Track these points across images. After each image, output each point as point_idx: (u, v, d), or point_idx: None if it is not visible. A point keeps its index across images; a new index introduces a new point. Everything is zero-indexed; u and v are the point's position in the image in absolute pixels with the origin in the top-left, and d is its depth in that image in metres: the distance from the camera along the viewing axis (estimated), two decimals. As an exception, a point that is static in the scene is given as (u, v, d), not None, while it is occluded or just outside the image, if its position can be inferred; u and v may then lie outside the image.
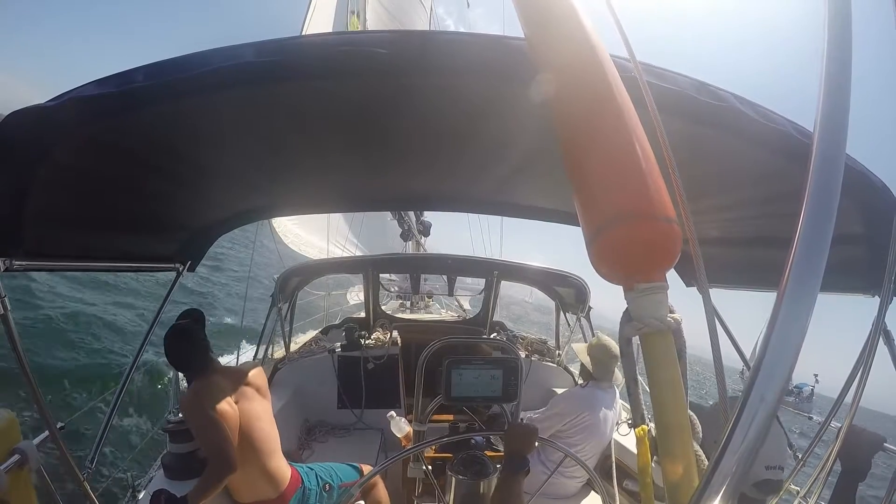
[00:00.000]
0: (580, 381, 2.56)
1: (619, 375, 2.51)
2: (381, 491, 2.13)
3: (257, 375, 1.99)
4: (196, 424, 1.70)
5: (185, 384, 1.87)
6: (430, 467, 1.52)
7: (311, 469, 2.07)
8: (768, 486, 1.11)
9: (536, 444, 1.30)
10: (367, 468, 2.21)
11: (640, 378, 0.65)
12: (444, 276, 4.43)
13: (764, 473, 1.11)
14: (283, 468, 1.92)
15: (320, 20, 7.51)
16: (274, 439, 1.93)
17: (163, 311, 1.96)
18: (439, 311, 7.23)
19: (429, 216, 9.01)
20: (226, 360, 3.71)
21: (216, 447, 1.63)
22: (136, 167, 1.19)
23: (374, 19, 8.61)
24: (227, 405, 1.75)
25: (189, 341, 1.81)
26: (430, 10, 10.98)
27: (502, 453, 1.29)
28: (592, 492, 2.45)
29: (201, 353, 1.83)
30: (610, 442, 2.36)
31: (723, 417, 0.48)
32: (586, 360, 2.49)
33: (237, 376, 1.91)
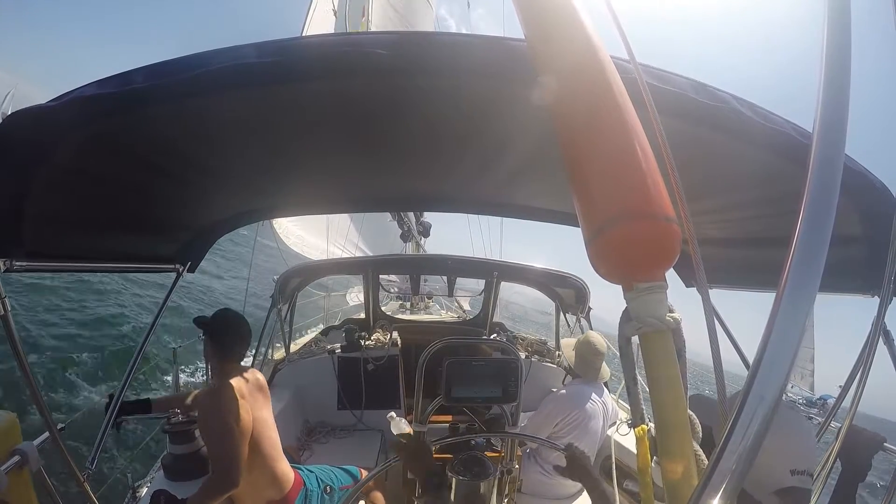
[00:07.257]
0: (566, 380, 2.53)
1: (605, 371, 2.49)
2: (380, 495, 2.12)
3: (262, 380, 1.98)
4: (210, 430, 1.64)
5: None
6: None
7: (312, 471, 2.08)
8: (793, 495, 0.90)
9: (534, 445, 1.29)
10: (366, 473, 2.21)
11: (639, 377, 0.64)
12: (444, 277, 4.42)
13: (789, 479, 0.90)
14: (287, 471, 1.92)
15: (320, 21, 7.52)
16: (279, 444, 1.93)
17: (163, 311, 1.96)
18: (439, 312, 7.23)
19: (429, 217, 9.02)
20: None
21: (225, 460, 1.58)
22: (137, 168, 1.19)
23: (382, 17, 8.56)
24: (245, 413, 1.70)
25: (243, 331, 1.83)
26: (433, 11, 10.99)
27: (501, 454, 1.28)
28: None
29: (240, 350, 1.84)
30: (607, 441, 2.34)
31: (722, 417, 0.48)
32: (571, 356, 2.48)
33: (252, 381, 1.88)
